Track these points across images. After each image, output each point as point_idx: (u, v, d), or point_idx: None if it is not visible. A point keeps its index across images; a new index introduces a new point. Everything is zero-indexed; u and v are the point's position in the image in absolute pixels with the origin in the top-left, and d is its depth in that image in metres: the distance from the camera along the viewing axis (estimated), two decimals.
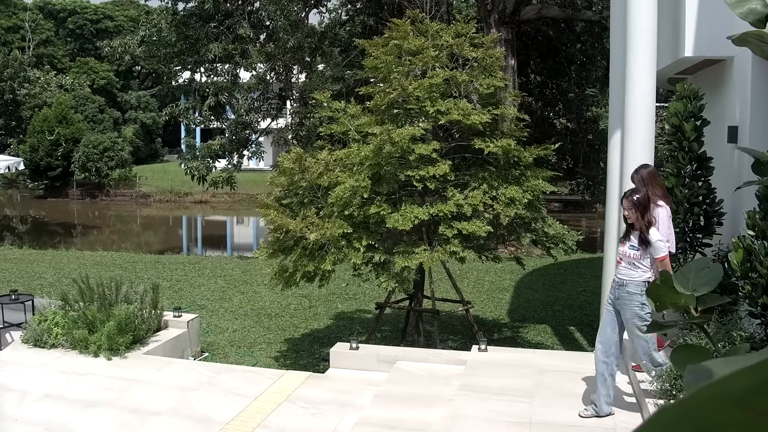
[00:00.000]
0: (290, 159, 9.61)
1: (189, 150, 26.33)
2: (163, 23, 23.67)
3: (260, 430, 7.26)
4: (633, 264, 6.66)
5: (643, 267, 6.62)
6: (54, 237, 34.99)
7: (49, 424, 7.57)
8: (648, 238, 6.59)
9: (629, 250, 6.70)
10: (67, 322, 10.10)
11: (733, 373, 0.55)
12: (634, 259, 6.65)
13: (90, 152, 51.86)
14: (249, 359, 11.47)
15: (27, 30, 76.73)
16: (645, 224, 6.60)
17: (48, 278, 17.55)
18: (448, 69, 9.48)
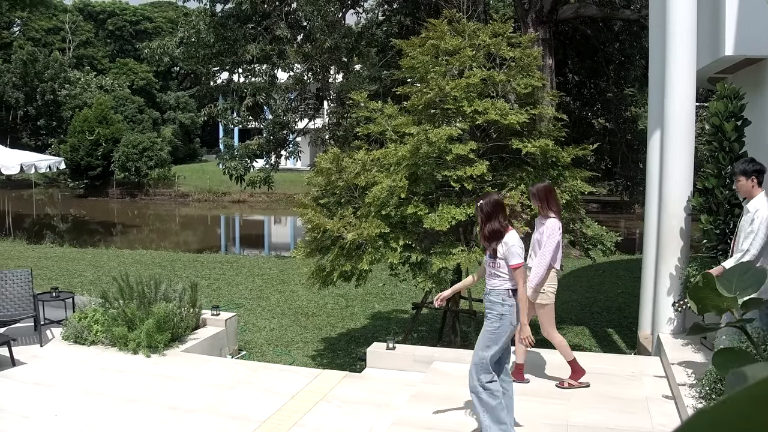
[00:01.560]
0: (327, 159, 9.65)
1: (227, 150, 26.53)
2: (202, 24, 23.87)
3: (296, 428, 7.28)
4: (492, 273, 6.40)
5: (502, 275, 6.31)
6: (94, 235, 35.42)
7: (89, 420, 7.66)
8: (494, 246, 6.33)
9: (487, 258, 6.44)
10: (107, 320, 10.23)
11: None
12: (491, 267, 6.40)
13: (129, 152, 52.42)
14: (286, 358, 11.53)
15: (67, 31, 77.74)
16: (486, 233, 6.33)
17: (88, 276, 17.78)
18: (485, 69, 9.45)
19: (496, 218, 6.27)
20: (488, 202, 6.30)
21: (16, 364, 9.48)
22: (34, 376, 9.05)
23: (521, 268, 6.21)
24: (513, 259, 6.19)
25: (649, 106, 10.07)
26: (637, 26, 23.99)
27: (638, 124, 27.91)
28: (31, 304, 10.87)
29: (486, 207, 6.28)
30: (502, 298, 6.28)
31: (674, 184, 8.90)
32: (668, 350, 8.45)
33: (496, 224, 6.26)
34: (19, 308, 10.87)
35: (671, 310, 8.95)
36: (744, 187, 6.96)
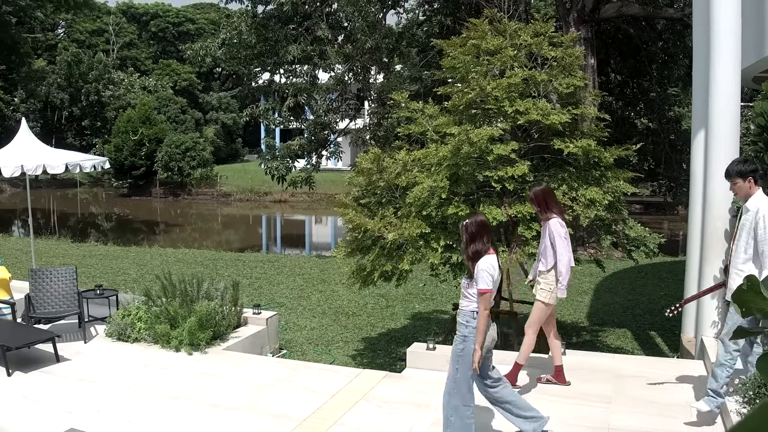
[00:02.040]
0: (368, 159, 9.66)
1: (269, 150, 26.70)
2: (243, 26, 24.05)
3: (336, 428, 7.30)
4: (463, 293, 6.36)
5: (469, 297, 6.27)
6: (137, 234, 35.85)
7: (131, 416, 7.76)
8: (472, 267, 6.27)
9: (464, 279, 6.39)
10: (150, 317, 10.35)
11: None
12: (463, 287, 6.37)
13: (172, 152, 53.00)
14: (326, 357, 11.57)
15: (111, 33, 78.78)
16: (470, 253, 6.27)
17: (132, 274, 18.00)
18: (526, 68, 9.40)
19: (480, 239, 6.24)
20: (473, 223, 6.29)
21: (60, 360, 9.63)
22: (78, 372, 9.18)
23: (487, 295, 6.14)
24: (480, 283, 6.14)
25: (693, 106, 9.93)
26: (681, 25, 23.71)
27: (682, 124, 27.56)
28: (75, 301, 11.04)
29: (471, 227, 6.26)
30: (466, 319, 6.28)
31: (719, 185, 8.76)
32: (712, 354, 8.33)
33: (480, 245, 6.23)
34: (64, 305, 11.04)
35: (715, 312, 8.83)
36: (742, 188, 6.76)
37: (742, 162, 6.88)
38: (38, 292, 11.12)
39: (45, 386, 8.76)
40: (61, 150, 15.42)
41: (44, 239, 27.62)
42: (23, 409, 7.97)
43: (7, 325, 10.46)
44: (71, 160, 13.27)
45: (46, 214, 45.80)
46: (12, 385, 8.73)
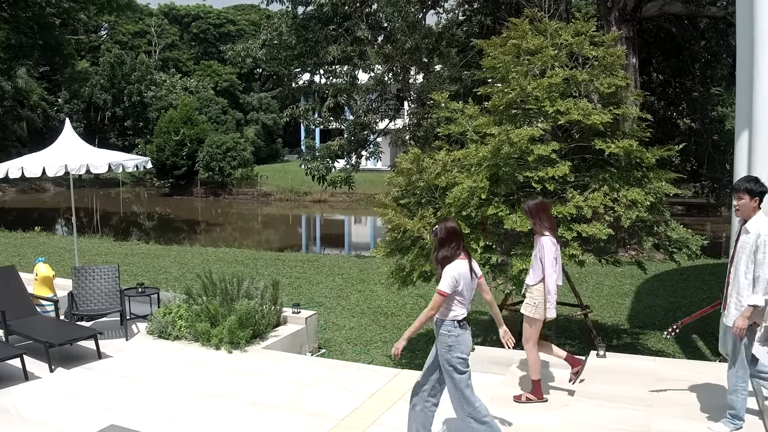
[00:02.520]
0: (408, 159, 9.66)
1: (309, 150, 26.80)
2: (284, 27, 24.17)
3: (374, 427, 7.31)
4: None
5: (446, 304, 6.21)
6: (179, 233, 36.19)
7: (171, 412, 7.83)
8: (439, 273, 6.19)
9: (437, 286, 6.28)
10: (191, 316, 10.45)
11: None
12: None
13: (213, 152, 53.45)
14: (365, 357, 11.57)
15: (153, 35, 79.65)
16: (439, 258, 6.21)
17: (173, 272, 18.16)
18: (567, 68, 9.34)
19: (449, 245, 6.18)
20: (443, 229, 6.21)
21: (102, 357, 9.75)
22: (119, 369, 9.29)
23: (440, 298, 6.11)
24: (441, 284, 6.11)
25: (737, 106, 9.79)
26: (724, 23, 23.38)
27: (725, 125, 27.21)
28: (117, 299, 11.17)
29: (440, 233, 6.20)
30: (447, 329, 6.25)
31: None
32: None
33: (448, 251, 6.17)
34: (106, 303, 11.18)
35: None
36: (746, 206, 6.47)
37: (753, 181, 6.52)
38: (81, 289, 11.27)
39: (87, 382, 8.88)
40: (104, 150, 15.59)
41: (87, 238, 27.99)
42: (65, 405, 8.09)
43: (51, 322, 10.62)
44: (114, 159, 13.42)
45: (89, 213, 46.42)
46: (54, 381, 8.86)
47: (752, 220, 6.41)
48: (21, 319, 10.34)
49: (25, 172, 12.56)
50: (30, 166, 12.62)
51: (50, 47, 41.26)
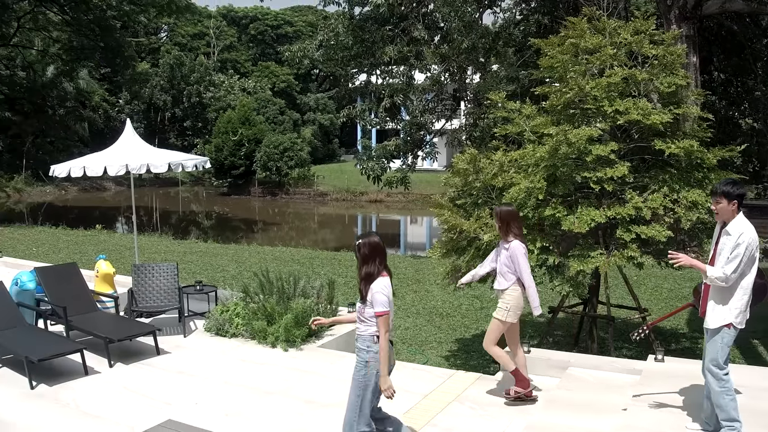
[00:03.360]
0: (465, 160, 9.62)
1: (365, 150, 26.84)
2: (341, 27, 24.23)
3: (428, 428, 7.29)
4: (359, 318, 6.20)
5: (367, 321, 6.11)
6: (236, 232, 36.55)
7: (228, 409, 7.92)
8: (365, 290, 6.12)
9: (359, 303, 6.23)
10: (248, 314, 10.55)
11: None
12: (358, 311, 6.23)
13: (271, 152, 53.95)
14: (420, 357, 11.57)
15: (212, 36, 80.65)
16: (363, 275, 6.13)
17: (230, 271, 18.36)
18: (626, 67, 9.21)
19: (373, 261, 6.12)
20: (366, 244, 6.15)
21: (161, 353, 9.90)
22: (177, 365, 9.42)
23: (384, 317, 6.00)
24: (377, 306, 6.00)
25: None
26: None
27: None
28: (176, 296, 11.33)
29: (364, 249, 6.14)
30: (367, 344, 6.15)
31: None
32: None
33: (372, 267, 6.11)
34: (165, 300, 11.34)
35: None
36: (724, 210, 6.28)
37: (731, 183, 6.38)
38: (140, 286, 11.45)
39: (145, 378, 9.02)
40: (164, 150, 15.83)
41: (147, 236, 28.45)
42: (124, 399, 8.23)
43: (111, 318, 10.81)
44: (173, 159, 13.61)
45: (148, 212, 47.16)
46: (114, 376, 9.01)
47: (733, 222, 6.28)
48: (82, 315, 10.54)
49: (87, 171, 12.81)
50: (92, 165, 12.87)
51: (111, 49, 41.96)
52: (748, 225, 6.28)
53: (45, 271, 11.48)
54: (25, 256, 19.49)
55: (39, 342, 9.34)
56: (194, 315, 11.58)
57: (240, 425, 7.45)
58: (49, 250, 22.65)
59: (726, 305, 6.35)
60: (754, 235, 6.27)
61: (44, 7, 39.71)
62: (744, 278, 6.29)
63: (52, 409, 7.96)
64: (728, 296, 6.33)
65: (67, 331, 10.37)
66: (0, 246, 21.18)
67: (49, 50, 46.59)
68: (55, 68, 48.11)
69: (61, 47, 44.44)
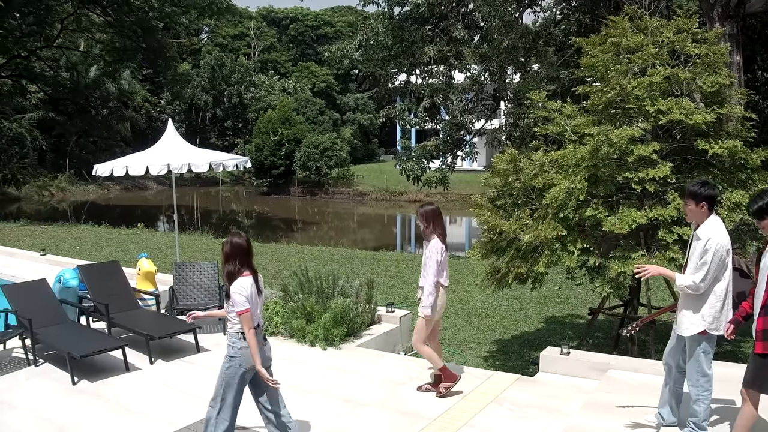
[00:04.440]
0: (504, 160, 9.58)
1: (404, 151, 26.84)
2: (380, 27, 24.25)
3: (466, 429, 7.28)
4: (227, 315, 6.48)
5: (233, 319, 6.36)
6: (276, 231, 36.74)
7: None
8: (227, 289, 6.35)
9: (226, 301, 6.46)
10: (287, 312, 10.62)
11: None
12: (226, 309, 6.49)
13: (310, 152, 54.21)
14: (458, 358, 11.54)
15: (252, 37, 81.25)
16: (225, 274, 6.37)
17: (270, 270, 18.45)
18: (668, 66, 9.10)
19: (233, 261, 6.32)
20: (227, 242, 6.39)
21: (201, 350, 10.01)
22: (217, 362, 9.40)
23: (245, 315, 6.20)
24: (237, 306, 6.22)
25: None
26: None
27: None
28: (216, 294, 11.43)
29: (225, 247, 6.37)
30: (232, 340, 6.41)
31: None
32: None
33: (233, 267, 6.32)
34: (206, 298, 11.45)
35: None
36: (693, 212, 6.14)
37: (699, 184, 6.18)
38: (181, 284, 11.57)
39: (185, 375, 9.11)
40: (205, 149, 15.98)
41: (188, 234, 28.69)
42: (164, 396, 8.32)
43: (152, 316, 10.95)
44: (215, 159, 13.74)
45: (189, 211, 47.58)
46: (154, 373, 9.12)
47: (703, 226, 6.10)
48: (123, 312, 10.69)
49: (129, 171, 12.98)
50: (134, 165, 13.04)
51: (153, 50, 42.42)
52: (717, 228, 6.08)
53: (88, 269, 11.66)
54: (68, 254, 19.77)
55: (81, 338, 9.49)
56: None
57: None
58: (91, 248, 22.95)
59: (698, 313, 6.20)
60: (723, 240, 6.07)
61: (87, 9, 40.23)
62: (717, 284, 6.13)
63: (93, 405, 8.08)
64: (700, 303, 6.16)
65: (108, 328, 10.51)
66: (44, 244, 21.51)
67: (92, 51, 47.19)
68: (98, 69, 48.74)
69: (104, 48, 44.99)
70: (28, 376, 9.05)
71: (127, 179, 52.61)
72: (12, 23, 39.70)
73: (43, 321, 9.74)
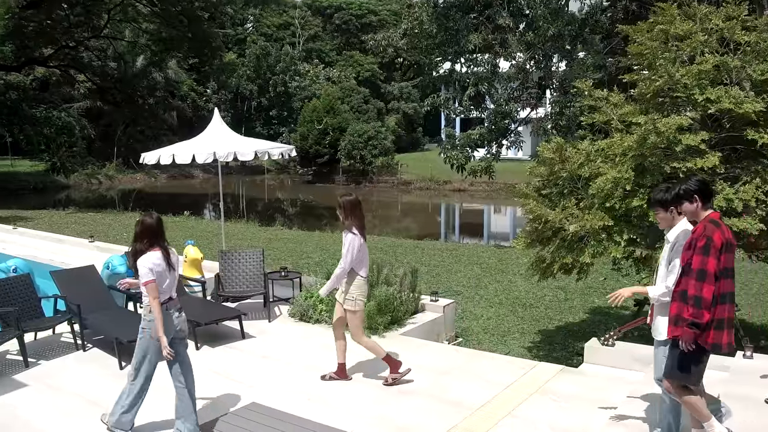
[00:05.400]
0: (550, 149, 9.51)
1: (449, 139, 26.75)
2: (425, 15, 24.17)
3: (509, 419, 7.26)
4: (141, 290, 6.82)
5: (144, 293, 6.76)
6: (321, 219, 36.84)
7: (310, 393, 8.05)
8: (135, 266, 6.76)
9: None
10: (331, 300, 10.64)
11: None
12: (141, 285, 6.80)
13: (355, 141, 54.31)
14: (502, 347, 11.52)
15: (297, 26, 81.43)
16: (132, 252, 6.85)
17: (315, 258, 18.55)
18: (718, 54, 8.96)
19: (142, 240, 6.76)
20: (138, 222, 6.86)
21: (246, 337, 10.11)
22: (261, 349, 9.60)
23: (149, 285, 6.63)
24: (141, 278, 6.66)
25: None
26: None
27: None
28: (261, 282, 11.52)
29: (136, 227, 6.84)
30: (144, 313, 6.86)
31: None
32: None
33: (141, 245, 6.75)
34: (251, 285, 11.55)
35: None
36: (665, 219, 5.97)
37: (664, 190, 5.99)
38: (227, 272, 11.68)
39: (230, 361, 9.21)
40: (251, 138, 16.08)
41: (233, 222, 28.92)
42: (209, 381, 8.42)
43: (198, 302, 11.07)
44: (260, 147, 13.82)
45: (235, 199, 47.95)
46: (200, 359, 9.22)
47: (673, 230, 5.92)
48: None
49: (176, 159, 13.11)
50: (180, 153, 13.16)
51: (199, 40, 42.79)
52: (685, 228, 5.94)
53: None
54: (116, 240, 20.05)
55: (128, 324, 9.59)
56: (279, 300, 11.77)
57: (322, 410, 7.54)
58: None
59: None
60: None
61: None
62: None
63: None
64: None
65: None
66: (92, 231, 21.83)
67: (139, 41, 47.75)
68: (145, 59, 49.36)
69: (151, 38, 45.50)
70: (77, 360, 9.22)
71: (173, 167, 52.94)
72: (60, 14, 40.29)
73: (92, 307, 9.89)
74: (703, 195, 5.70)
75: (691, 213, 5.79)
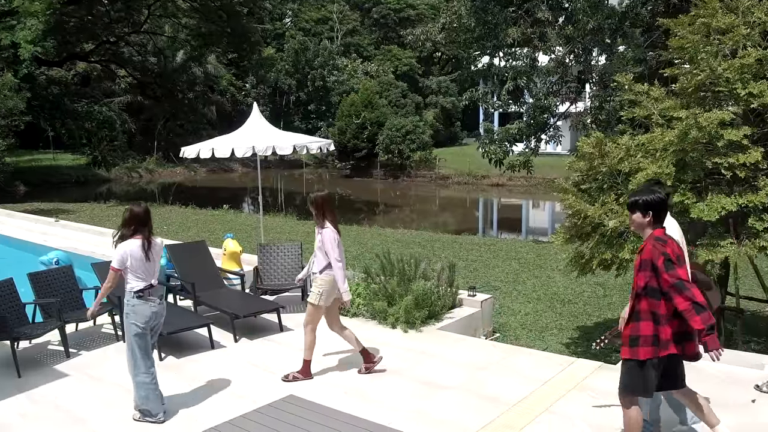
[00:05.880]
0: (590, 144, 9.44)
1: (487, 134, 26.65)
2: (463, 9, 24.06)
3: (546, 415, 7.23)
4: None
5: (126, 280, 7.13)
6: (358, 214, 36.92)
7: (347, 387, 8.08)
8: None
9: None
10: (369, 294, 10.70)
11: None
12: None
13: (393, 135, 54.34)
14: (539, 343, 11.47)
15: (335, 21, 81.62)
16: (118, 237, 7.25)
17: (352, 252, 18.57)
18: (760, 48, 8.83)
19: (128, 227, 7.18)
20: (127, 210, 7.29)
21: (284, 330, 10.20)
22: (299, 342, 9.59)
23: (112, 273, 7.13)
24: (113, 262, 7.12)
25: None
26: None
27: None
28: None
29: (126, 214, 7.23)
30: (126, 299, 7.21)
31: None
32: None
33: (126, 231, 7.17)
34: (289, 279, 11.62)
35: None
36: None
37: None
38: (266, 265, 11.77)
39: (268, 353, 9.29)
40: (289, 132, 16.15)
41: (272, 216, 29.07)
42: (248, 373, 8.51)
43: (237, 295, 11.17)
44: (298, 142, 13.89)
45: (273, 193, 48.19)
46: (238, 351, 9.32)
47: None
48: (209, 291, 10.94)
49: (215, 153, 13.23)
50: (220, 147, 13.27)
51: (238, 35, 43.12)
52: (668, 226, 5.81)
53: (175, 249, 11.95)
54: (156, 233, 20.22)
55: (168, 316, 9.71)
56: None
57: (359, 404, 7.57)
58: (178, 228, 23.50)
59: None
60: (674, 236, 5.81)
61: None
62: None
63: (179, 381, 8.30)
64: None
65: (195, 307, 10.78)
66: None
67: (179, 36, 48.15)
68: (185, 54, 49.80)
69: (190, 33, 45.89)
70: (117, 351, 9.33)
71: (213, 161, 53.52)
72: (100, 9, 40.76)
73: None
74: (657, 213, 5.68)
75: (637, 225, 5.77)
